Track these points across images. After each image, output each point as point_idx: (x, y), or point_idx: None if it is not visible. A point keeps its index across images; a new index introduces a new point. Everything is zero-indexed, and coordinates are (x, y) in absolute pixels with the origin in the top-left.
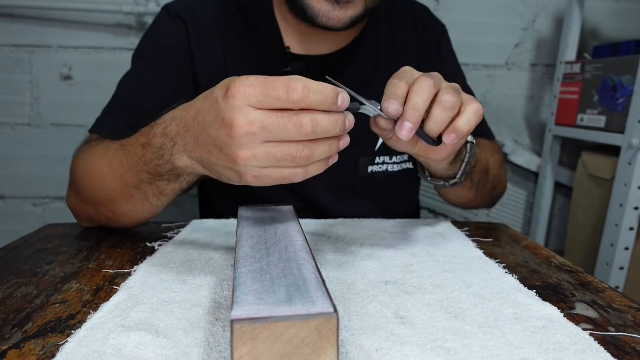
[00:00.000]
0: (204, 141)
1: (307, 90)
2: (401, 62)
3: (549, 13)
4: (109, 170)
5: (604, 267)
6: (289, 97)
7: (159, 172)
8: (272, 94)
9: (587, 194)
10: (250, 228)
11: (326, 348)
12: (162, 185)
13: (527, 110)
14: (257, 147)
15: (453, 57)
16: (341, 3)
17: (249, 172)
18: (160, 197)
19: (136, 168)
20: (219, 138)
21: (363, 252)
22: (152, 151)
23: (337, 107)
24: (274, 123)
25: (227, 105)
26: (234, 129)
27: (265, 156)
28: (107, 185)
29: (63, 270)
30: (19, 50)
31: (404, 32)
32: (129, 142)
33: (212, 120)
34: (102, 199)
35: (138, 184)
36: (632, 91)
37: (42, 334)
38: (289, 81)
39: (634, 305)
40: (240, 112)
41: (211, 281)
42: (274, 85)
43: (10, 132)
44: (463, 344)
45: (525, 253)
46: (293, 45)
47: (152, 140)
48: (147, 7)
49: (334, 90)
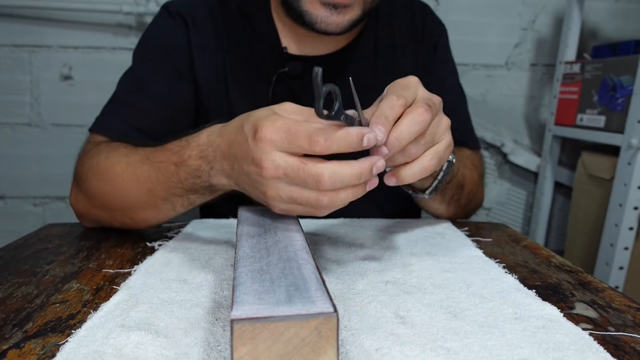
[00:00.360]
0: (239, 170)
1: (330, 142)
2: (399, 63)
3: (549, 13)
4: (135, 183)
5: (603, 267)
6: (311, 148)
7: (195, 188)
8: (296, 144)
9: (587, 194)
10: (250, 228)
11: (326, 348)
12: (193, 198)
13: (527, 110)
14: (282, 188)
15: (449, 58)
16: (339, 8)
17: (276, 205)
18: (189, 206)
19: (168, 184)
20: (251, 174)
21: (363, 252)
22: (187, 171)
23: (363, 148)
24: (295, 174)
25: (256, 146)
26: (262, 170)
27: (288, 198)
28: (132, 195)
29: (63, 270)
30: (19, 50)
31: (404, 31)
32: (157, 157)
33: (244, 155)
34: (123, 206)
35: (168, 197)
36: (631, 91)
37: (42, 333)
38: (311, 133)
39: (633, 305)
40: (267, 156)
41: (211, 281)
42: (298, 136)
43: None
44: (463, 344)
45: (525, 253)
46: (290, 46)
47: (187, 161)
48: (147, 7)
49: (359, 136)
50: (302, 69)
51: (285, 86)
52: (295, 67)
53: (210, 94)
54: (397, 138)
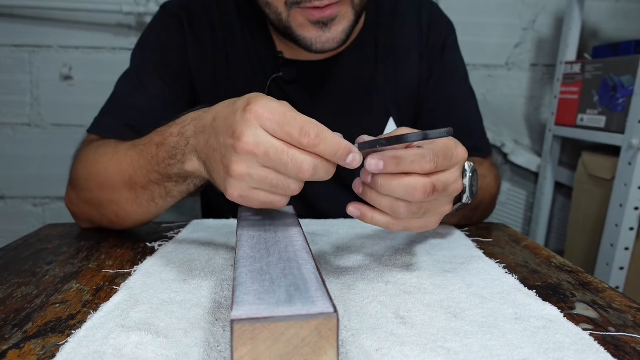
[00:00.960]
0: (212, 145)
1: (319, 139)
2: (401, 68)
3: (549, 13)
4: (118, 171)
5: (604, 267)
6: (300, 138)
7: (169, 172)
8: (285, 129)
9: (587, 194)
10: (250, 228)
11: (326, 348)
12: (169, 186)
13: (527, 110)
14: (255, 167)
15: (457, 59)
16: (328, 23)
17: (237, 188)
18: (167, 197)
19: (147, 167)
20: (225, 146)
21: (363, 252)
22: (165, 150)
23: (344, 164)
24: (277, 156)
25: (242, 118)
26: (239, 142)
27: (260, 178)
28: (114, 187)
29: (63, 270)
30: (19, 50)
31: (407, 31)
32: (142, 141)
33: (225, 127)
34: (107, 200)
35: (146, 184)
36: (632, 91)
37: (42, 334)
38: (304, 123)
39: (634, 305)
40: (250, 130)
41: (211, 281)
42: (290, 122)
43: (10, 132)
44: (463, 344)
45: (525, 253)
46: (286, 51)
47: (167, 139)
48: (147, 7)
49: (346, 148)
50: (297, 75)
51: (280, 90)
52: (290, 73)
53: (206, 94)
54: (381, 185)
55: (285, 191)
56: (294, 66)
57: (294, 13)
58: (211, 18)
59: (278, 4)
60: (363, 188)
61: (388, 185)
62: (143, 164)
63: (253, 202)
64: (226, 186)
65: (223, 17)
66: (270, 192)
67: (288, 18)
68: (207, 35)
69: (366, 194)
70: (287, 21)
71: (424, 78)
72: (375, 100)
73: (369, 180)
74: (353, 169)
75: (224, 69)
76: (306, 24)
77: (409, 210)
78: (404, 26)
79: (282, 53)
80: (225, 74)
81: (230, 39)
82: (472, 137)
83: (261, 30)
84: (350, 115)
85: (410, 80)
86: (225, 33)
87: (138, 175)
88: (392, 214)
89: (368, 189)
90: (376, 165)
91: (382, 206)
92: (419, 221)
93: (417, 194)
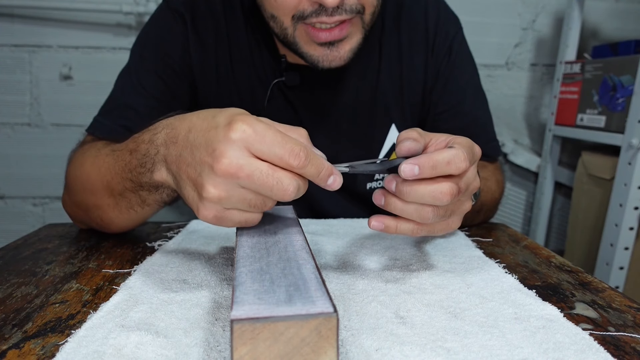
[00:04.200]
0: (186, 159)
1: (308, 161)
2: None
3: (549, 13)
4: (98, 177)
5: (604, 267)
6: (289, 161)
7: (140, 181)
8: (275, 151)
9: (587, 194)
10: (250, 228)
11: (326, 348)
12: (144, 195)
13: (527, 110)
14: (234, 189)
15: (466, 58)
16: (335, 44)
17: (212, 209)
18: (144, 206)
19: (122, 175)
20: (202, 165)
21: (363, 252)
22: (137, 157)
23: (324, 186)
24: (261, 180)
25: (225, 137)
26: (219, 163)
27: (239, 200)
28: (96, 191)
29: (63, 270)
30: (19, 50)
31: (413, 34)
32: (119, 147)
33: (203, 143)
34: (92, 204)
35: (123, 191)
36: (632, 91)
37: (42, 334)
38: (294, 145)
39: (634, 305)
40: (234, 151)
41: (211, 281)
42: (281, 144)
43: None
44: (463, 344)
45: (525, 253)
46: (288, 55)
47: (139, 146)
48: (147, 7)
49: (329, 170)
50: (300, 80)
51: (282, 95)
52: (293, 78)
53: (208, 96)
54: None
55: (261, 209)
56: (297, 71)
57: (299, 29)
58: (216, 18)
59: (284, 18)
60: (386, 199)
61: (415, 192)
62: (118, 171)
63: (227, 222)
64: (199, 207)
65: (228, 17)
66: (245, 211)
67: (294, 33)
68: (211, 36)
69: (390, 205)
70: (293, 37)
71: (430, 82)
72: (379, 105)
73: (393, 189)
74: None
75: (228, 72)
76: (312, 44)
77: (437, 215)
78: (409, 29)
79: (286, 57)
80: (228, 77)
81: (235, 41)
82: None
83: (265, 33)
84: (353, 121)
85: (415, 85)
86: (230, 35)
87: (115, 182)
88: (420, 220)
89: (392, 199)
90: (411, 171)
91: (408, 214)
92: (443, 224)
93: (445, 197)
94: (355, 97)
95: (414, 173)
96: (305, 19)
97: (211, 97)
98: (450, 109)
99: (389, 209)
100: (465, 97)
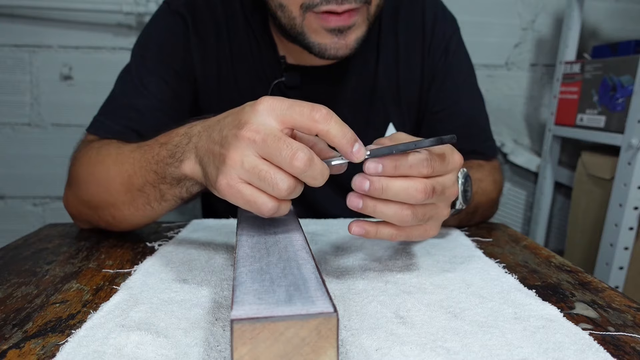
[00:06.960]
0: (214, 138)
1: (329, 117)
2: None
3: (549, 13)
4: (118, 172)
5: (603, 267)
6: (311, 114)
7: (165, 172)
8: (296, 108)
9: (587, 194)
10: (250, 228)
11: (326, 348)
12: (164, 189)
13: (527, 110)
14: (249, 154)
15: (463, 60)
16: (344, 32)
17: (227, 176)
18: (162, 202)
19: (146, 167)
20: (227, 137)
21: (363, 252)
22: (167, 148)
23: (349, 152)
24: (274, 141)
25: (251, 109)
26: (243, 129)
27: (251, 166)
28: (113, 189)
29: (63, 270)
30: (19, 50)
31: (410, 34)
32: (148, 142)
33: (231, 120)
34: (104, 202)
35: (143, 185)
36: (631, 91)
37: (42, 333)
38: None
39: (633, 305)
40: (257, 117)
41: (211, 281)
42: (301, 103)
43: (10, 132)
44: (463, 344)
45: (525, 253)
46: (288, 55)
47: (172, 139)
48: (147, 7)
49: (354, 137)
50: (300, 80)
51: (282, 95)
52: (293, 78)
53: (209, 97)
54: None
55: (272, 188)
56: (296, 71)
57: (308, 18)
58: (217, 20)
59: (293, 7)
60: (363, 202)
61: (391, 186)
62: (144, 164)
63: (237, 196)
64: (218, 176)
65: (228, 18)
66: (256, 189)
67: (302, 23)
68: (212, 37)
69: (368, 207)
70: (301, 26)
71: (427, 82)
72: (377, 105)
73: (366, 188)
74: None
75: (229, 73)
76: (321, 31)
77: (415, 216)
78: (407, 29)
79: (285, 58)
80: (229, 78)
81: (236, 42)
82: (474, 141)
83: (265, 33)
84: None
85: (412, 85)
86: (231, 36)
87: (137, 176)
88: (398, 221)
89: (369, 201)
90: (375, 168)
91: (388, 215)
92: (420, 229)
93: (419, 194)
94: (354, 97)
95: (377, 170)
96: (314, 8)
97: (212, 97)
98: (446, 109)
99: (367, 212)
100: (461, 97)
